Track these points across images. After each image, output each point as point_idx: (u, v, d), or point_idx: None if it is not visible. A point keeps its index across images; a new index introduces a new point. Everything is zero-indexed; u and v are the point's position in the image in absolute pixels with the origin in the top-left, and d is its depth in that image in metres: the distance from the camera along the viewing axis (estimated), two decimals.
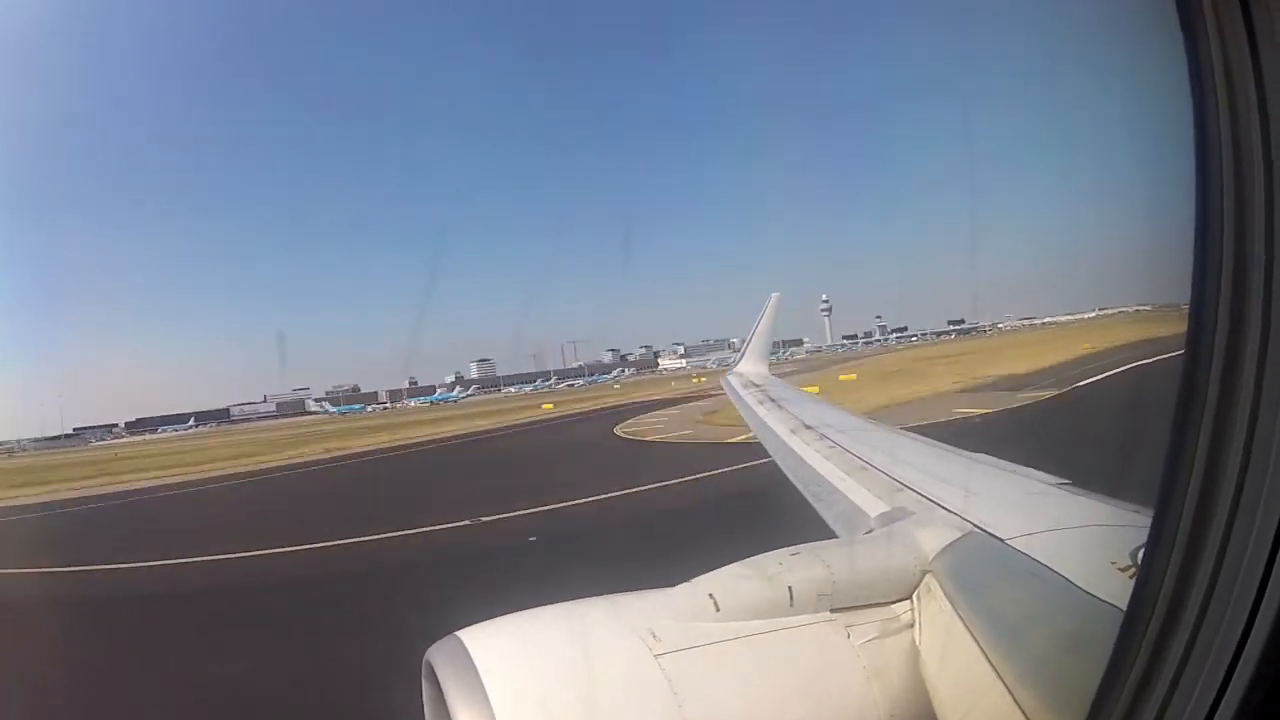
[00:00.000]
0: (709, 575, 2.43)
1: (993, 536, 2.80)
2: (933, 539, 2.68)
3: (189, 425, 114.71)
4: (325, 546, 17.36)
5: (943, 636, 2.34)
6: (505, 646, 2.13)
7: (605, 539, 14.98)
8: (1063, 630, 2.22)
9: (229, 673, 10.08)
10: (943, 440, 4.99)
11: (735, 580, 2.40)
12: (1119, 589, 1.99)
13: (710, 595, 2.31)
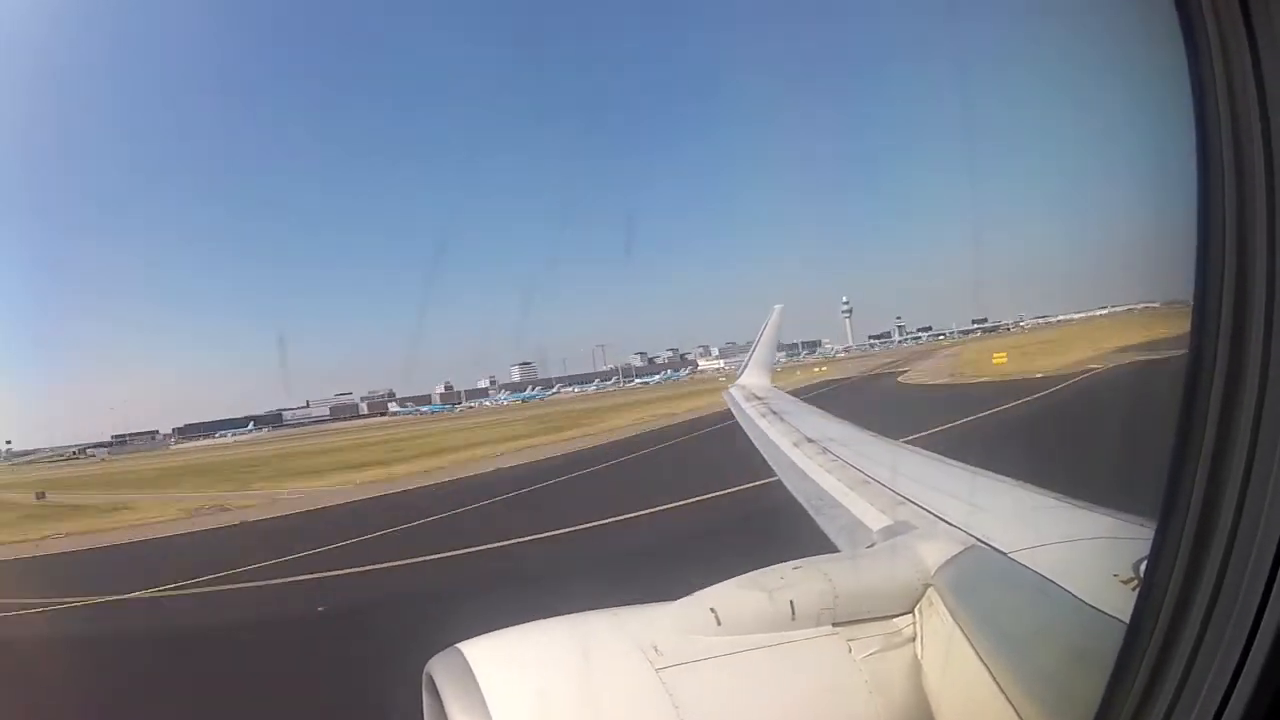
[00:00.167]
0: (711, 589, 2.42)
1: (995, 550, 2.79)
2: (935, 553, 2.67)
3: (248, 429, 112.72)
4: None
5: (945, 650, 2.32)
6: (506, 659, 2.13)
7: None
8: (1065, 643, 2.21)
9: None
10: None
11: (737, 594, 2.39)
12: (1121, 601, 1.98)
13: (712, 609, 2.30)
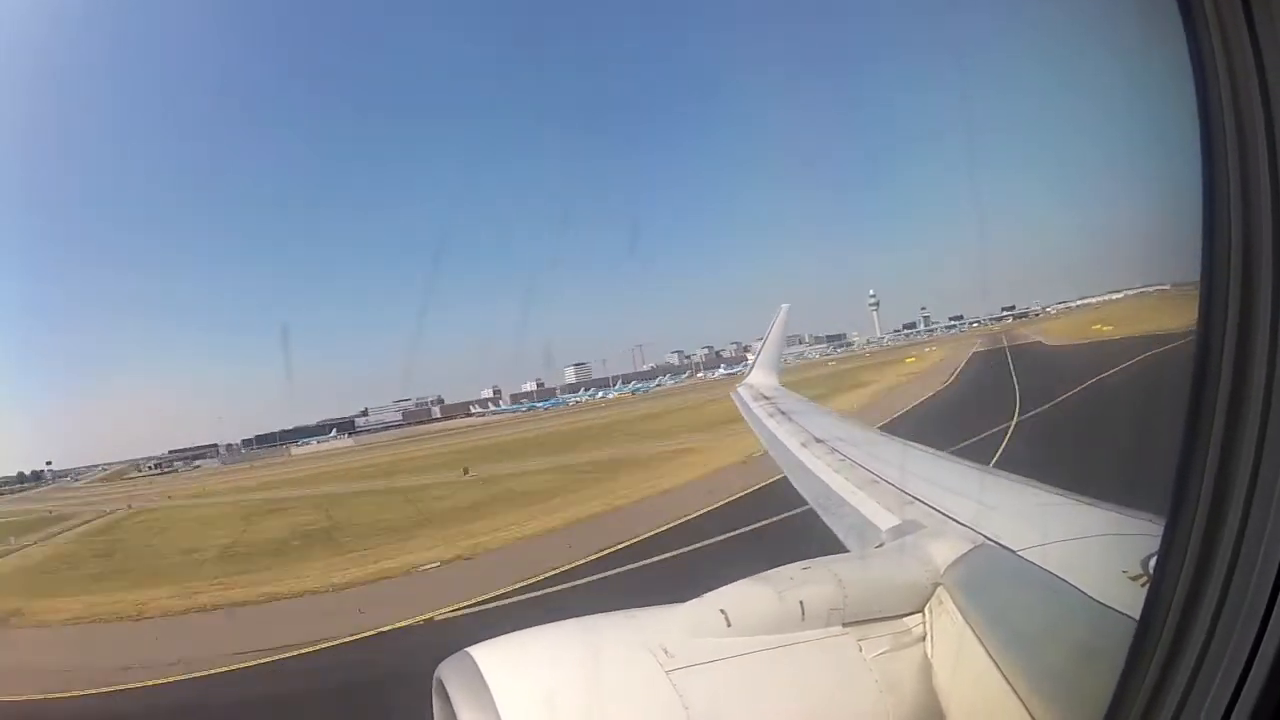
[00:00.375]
0: (720, 590, 2.42)
1: (1004, 548, 2.79)
2: (944, 551, 2.67)
3: (331, 436, 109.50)
4: None
5: (955, 649, 2.32)
6: (516, 663, 2.13)
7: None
8: (1075, 640, 2.20)
9: None
10: None
11: (746, 595, 2.39)
12: (1131, 598, 1.97)
13: (721, 610, 2.30)
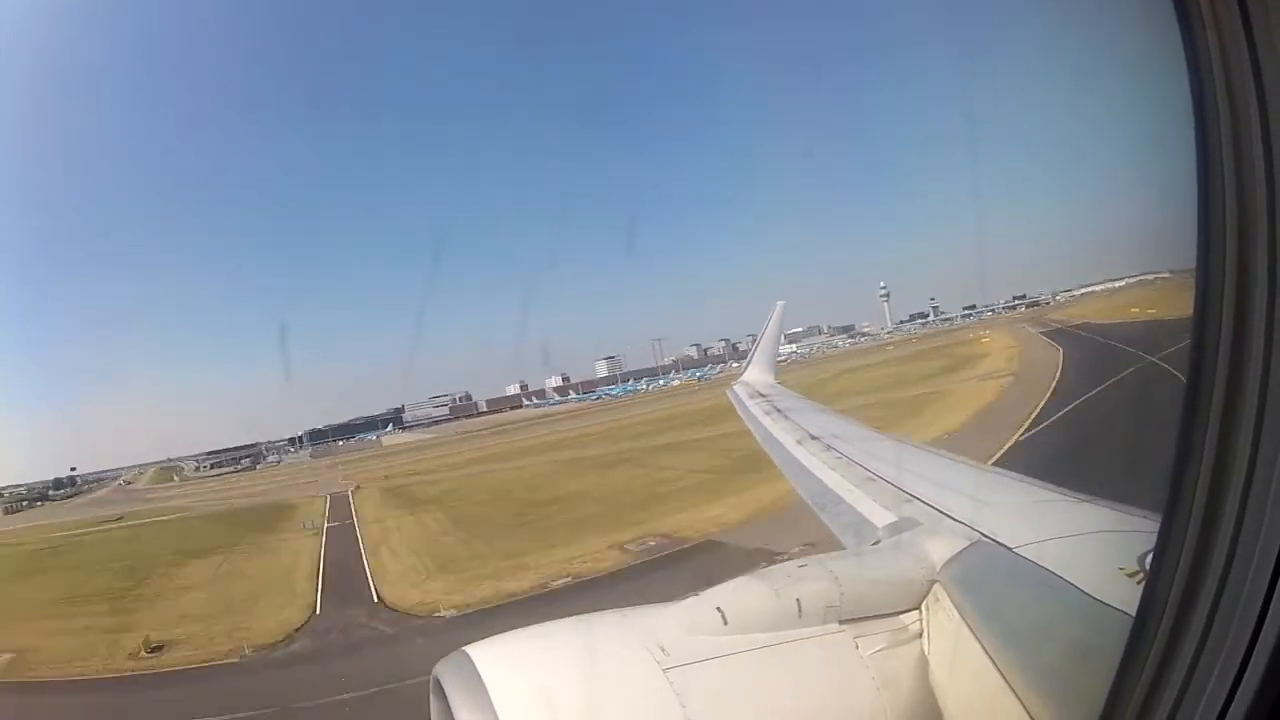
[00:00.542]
0: (717, 588, 2.43)
1: (1000, 545, 2.80)
2: (940, 549, 2.68)
3: (389, 430, 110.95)
4: None
5: (952, 646, 2.33)
6: (513, 661, 2.14)
7: None
8: (1071, 637, 2.21)
9: None
10: None
11: (743, 593, 2.40)
12: (1127, 595, 1.97)
13: (718, 608, 2.31)
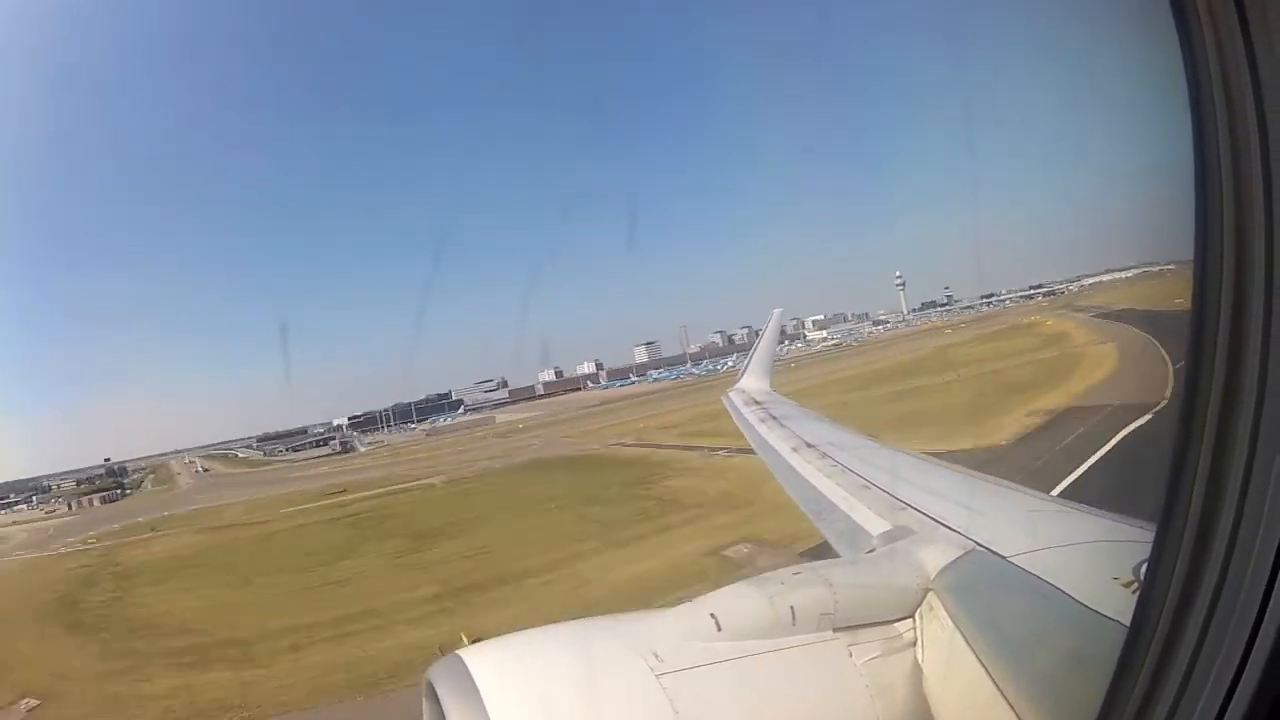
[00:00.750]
0: (711, 595, 2.43)
1: (995, 554, 2.80)
2: (935, 557, 2.68)
3: (460, 412, 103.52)
4: None
5: (945, 654, 2.33)
6: (506, 666, 2.14)
7: None
8: (1066, 647, 2.21)
9: None
10: None
11: (737, 600, 2.40)
12: (1121, 605, 1.98)
13: (712, 615, 2.31)
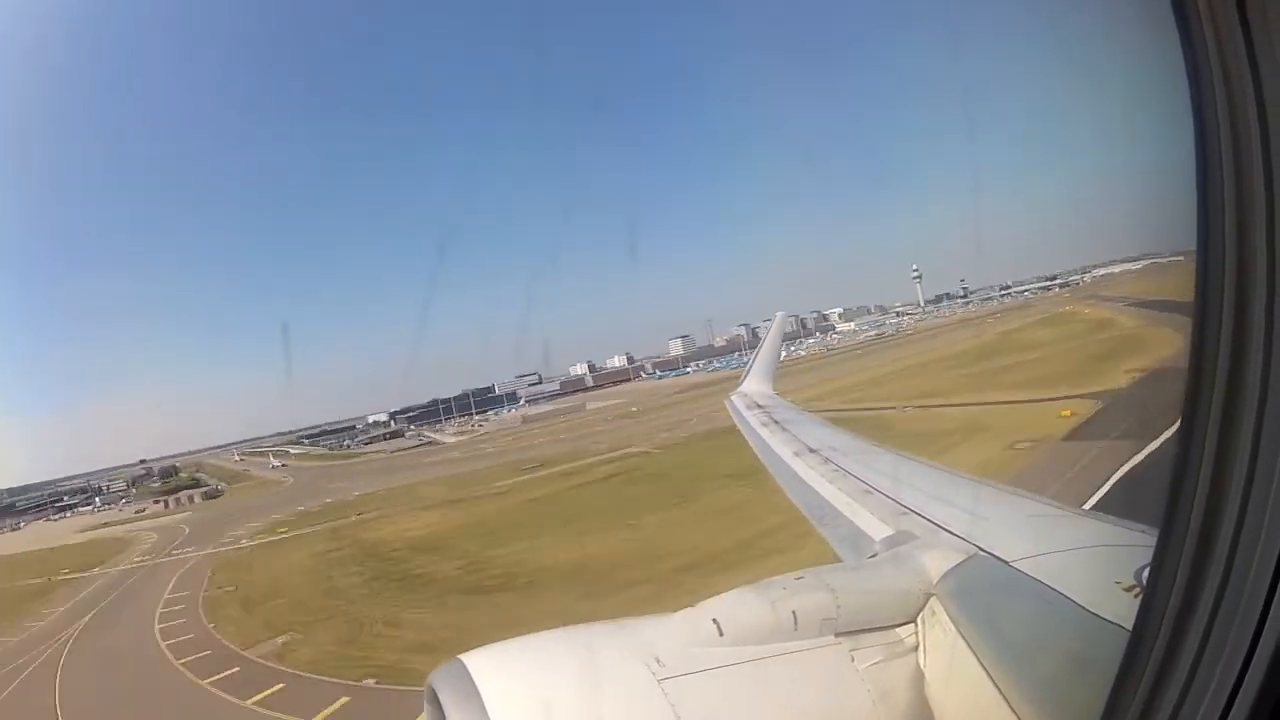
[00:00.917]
0: (713, 600, 2.42)
1: (997, 559, 2.79)
2: (937, 562, 2.66)
3: (520, 404, 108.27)
4: None
5: (948, 659, 2.31)
6: (508, 671, 2.13)
7: None
8: (1068, 651, 2.19)
9: None
10: None
11: (739, 605, 2.39)
12: (1124, 609, 1.96)
13: (714, 620, 2.30)
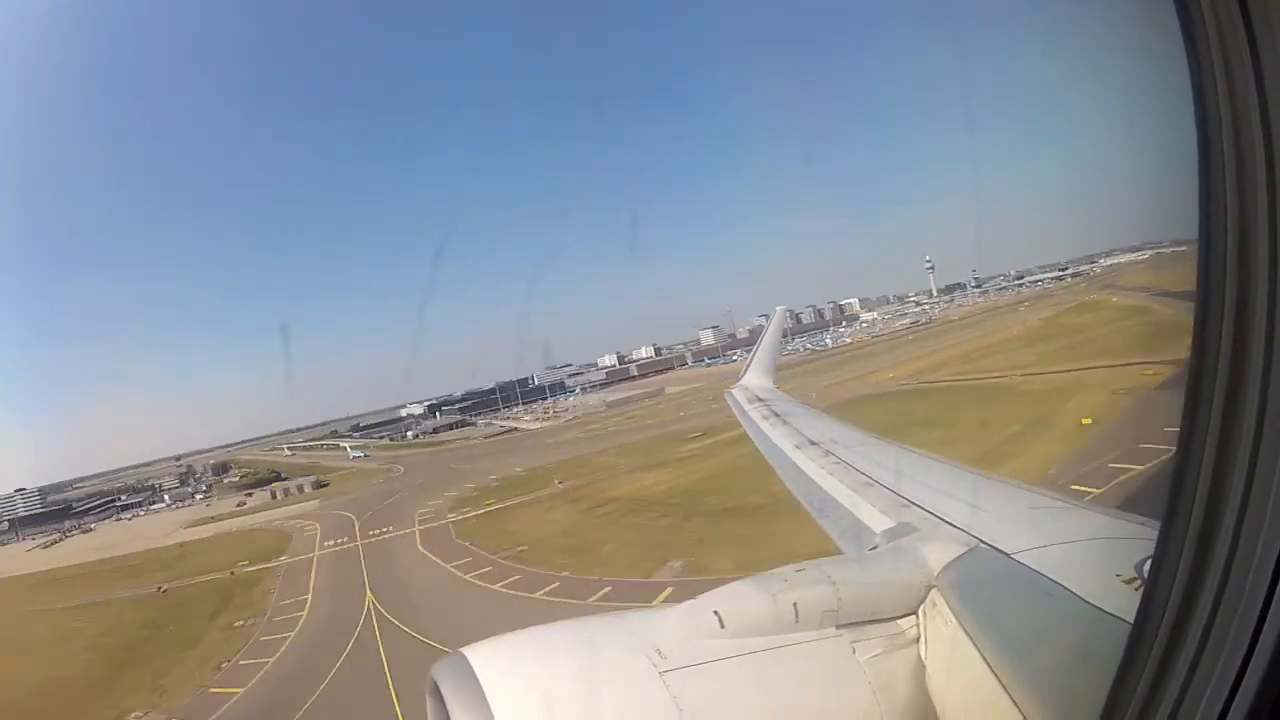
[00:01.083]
0: (714, 592, 2.43)
1: (998, 551, 2.79)
2: (938, 554, 2.67)
3: (577, 391, 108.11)
4: None
5: (949, 651, 2.31)
6: (510, 663, 2.14)
7: None
8: (1069, 643, 2.19)
9: None
10: None
11: (740, 597, 2.40)
12: (1125, 601, 1.97)
13: (715, 612, 2.31)
